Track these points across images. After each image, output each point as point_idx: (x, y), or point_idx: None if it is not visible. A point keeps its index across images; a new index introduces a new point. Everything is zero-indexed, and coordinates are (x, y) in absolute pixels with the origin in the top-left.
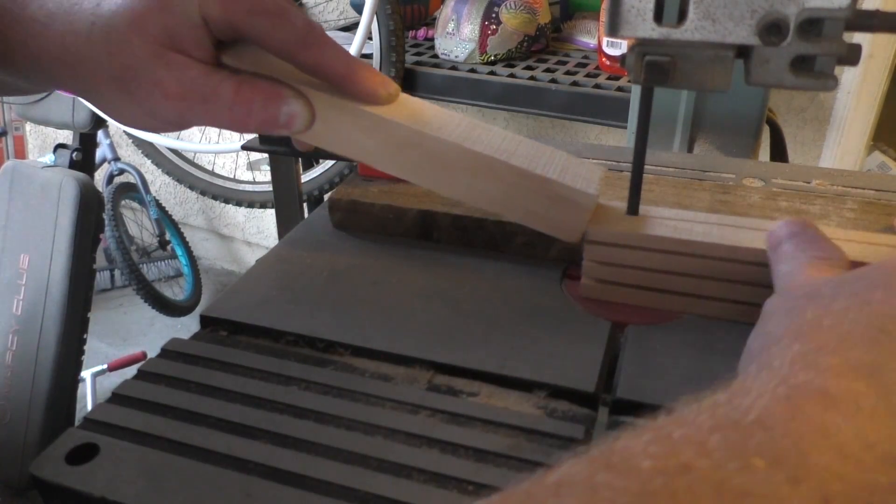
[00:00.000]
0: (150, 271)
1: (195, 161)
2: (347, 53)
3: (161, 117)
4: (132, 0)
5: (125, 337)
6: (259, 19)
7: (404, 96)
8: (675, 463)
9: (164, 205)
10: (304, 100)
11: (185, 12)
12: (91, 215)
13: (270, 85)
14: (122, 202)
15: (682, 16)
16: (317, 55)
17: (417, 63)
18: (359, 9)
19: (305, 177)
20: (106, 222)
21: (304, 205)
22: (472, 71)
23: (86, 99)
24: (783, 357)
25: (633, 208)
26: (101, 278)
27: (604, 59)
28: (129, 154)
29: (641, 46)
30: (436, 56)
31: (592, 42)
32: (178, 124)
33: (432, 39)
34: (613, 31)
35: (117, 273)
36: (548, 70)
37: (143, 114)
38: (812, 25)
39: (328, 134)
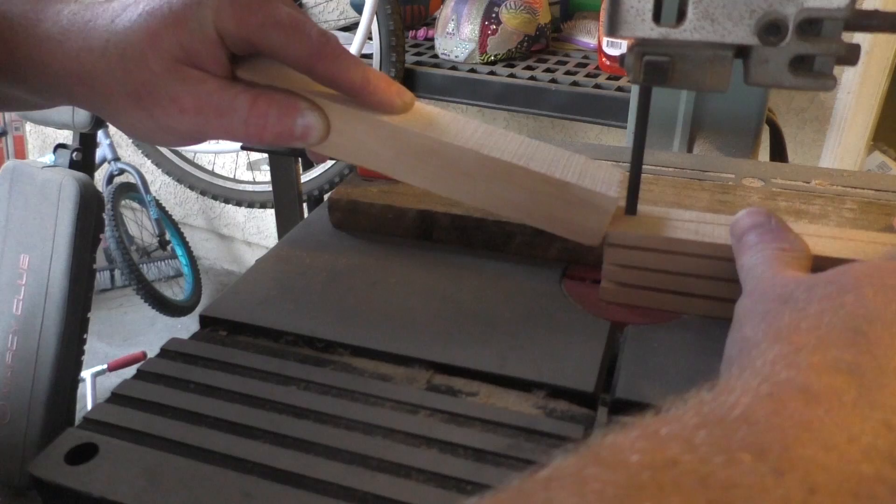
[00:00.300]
0: (150, 271)
1: (195, 161)
2: (363, 63)
3: (177, 132)
4: (147, 17)
5: (125, 337)
6: (273, 32)
7: (419, 104)
8: (662, 457)
9: (164, 205)
10: (320, 111)
11: (200, 28)
12: (91, 215)
13: (286, 97)
14: (122, 202)
15: (681, 16)
16: (333, 66)
17: (417, 63)
18: (359, 9)
19: (305, 177)
20: (106, 222)
21: (304, 205)
22: (472, 71)
23: (101, 115)
24: (765, 358)
25: (631, 208)
26: (101, 278)
27: (604, 59)
28: (129, 154)
29: (640, 46)
30: (436, 56)
31: (592, 42)
32: (194, 138)
33: (432, 39)
34: (612, 30)
35: (117, 273)
36: (548, 70)
37: (160, 129)
38: (811, 25)
39: (345, 145)
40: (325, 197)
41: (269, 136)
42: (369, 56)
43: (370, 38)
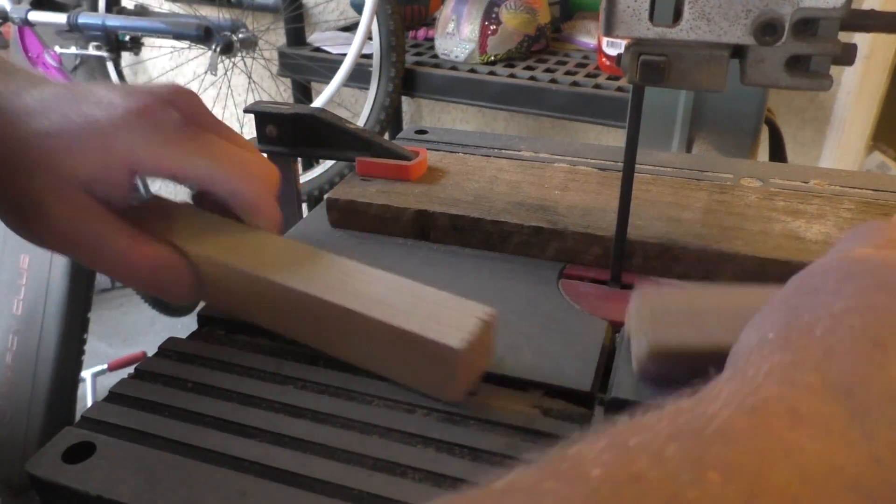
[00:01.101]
0: None
1: None
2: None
3: (50, 247)
4: (44, 137)
5: (125, 337)
6: (196, 158)
7: (296, 242)
8: (627, 472)
9: None
10: (193, 273)
11: (102, 160)
12: None
13: (163, 250)
14: None
15: (677, 15)
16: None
17: (417, 63)
18: (359, 9)
19: (305, 177)
20: None
21: (304, 205)
22: (472, 71)
23: None
24: (759, 367)
25: (623, 214)
26: (101, 278)
27: (603, 60)
28: None
29: (637, 46)
30: (436, 56)
31: (592, 42)
32: (66, 255)
33: (432, 39)
34: (609, 30)
35: None
36: (548, 70)
37: (32, 238)
38: (807, 25)
39: (213, 294)
40: (325, 196)
41: (141, 281)
42: (369, 56)
43: (370, 38)
